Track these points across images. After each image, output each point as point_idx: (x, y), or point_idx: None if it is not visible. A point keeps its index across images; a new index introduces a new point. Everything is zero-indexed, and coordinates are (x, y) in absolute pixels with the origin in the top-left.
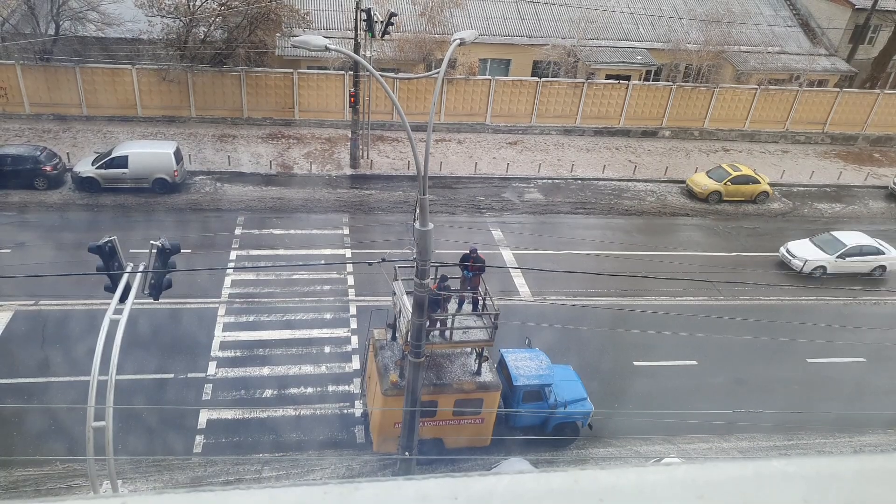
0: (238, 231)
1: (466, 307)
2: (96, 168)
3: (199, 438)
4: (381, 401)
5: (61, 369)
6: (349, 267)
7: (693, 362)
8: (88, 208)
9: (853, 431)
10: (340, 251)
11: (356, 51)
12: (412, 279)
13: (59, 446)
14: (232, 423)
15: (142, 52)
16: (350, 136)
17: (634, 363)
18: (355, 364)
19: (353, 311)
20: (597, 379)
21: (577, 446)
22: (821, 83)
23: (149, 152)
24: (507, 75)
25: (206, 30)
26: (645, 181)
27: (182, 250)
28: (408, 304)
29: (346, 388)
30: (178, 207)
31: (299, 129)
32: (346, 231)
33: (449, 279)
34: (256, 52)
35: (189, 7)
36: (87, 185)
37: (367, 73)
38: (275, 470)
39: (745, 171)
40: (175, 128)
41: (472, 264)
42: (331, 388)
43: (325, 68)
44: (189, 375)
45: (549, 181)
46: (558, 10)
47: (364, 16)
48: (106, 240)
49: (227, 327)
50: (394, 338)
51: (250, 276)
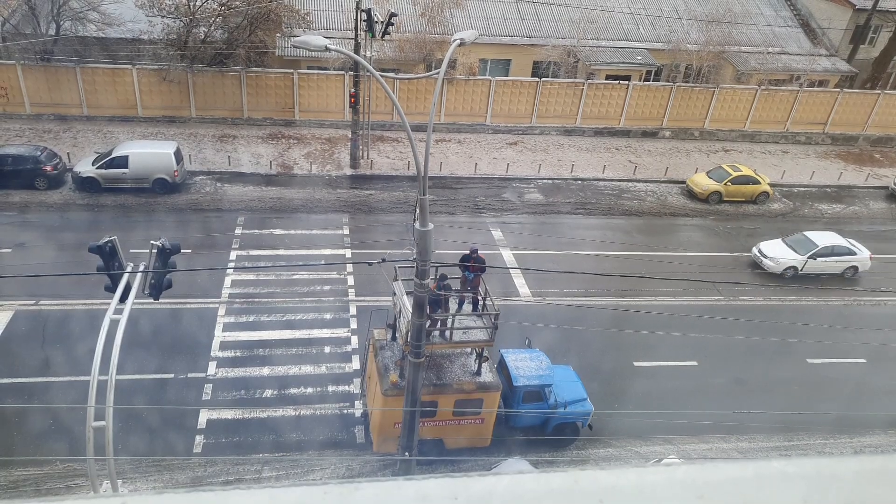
0: (238, 231)
1: (466, 307)
2: (97, 168)
3: (199, 438)
4: (381, 401)
5: (61, 369)
6: (349, 267)
7: (693, 363)
8: (89, 208)
9: (853, 432)
10: (340, 251)
11: (356, 51)
12: (412, 279)
13: (59, 446)
14: (232, 423)
15: (142, 52)
16: (350, 136)
17: (634, 363)
18: (355, 364)
19: (353, 311)
20: (597, 379)
21: (577, 447)
22: (821, 83)
23: (149, 152)
24: (507, 76)
25: (206, 30)
26: (645, 181)
27: (182, 250)
28: (408, 304)
29: (346, 388)
30: (179, 207)
31: (299, 130)
32: (347, 231)
33: (448, 279)
34: (257, 53)
35: (189, 7)
36: (87, 185)
37: (368, 74)
38: (275, 470)
39: (746, 171)
40: (175, 128)
41: (472, 265)
42: (331, 389)
43: (326, 68)
44: (189, 375)
45: (550, 181)
46: (558, 10)
47: (364, 16)
48: (106, 240)
49: (227, 327)
50: (394, 338)
51: (250, 277)
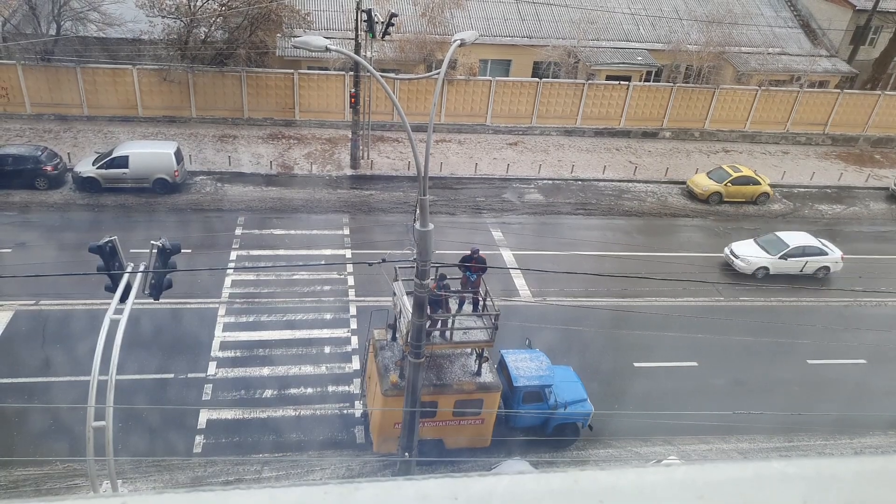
0: (238, 231)
1: (467, 308)
2: (97, 168)
3: (199, 438)
4: (381, 401)
5: (62, 369)
6: (349, 267)
7: (693, 363)
8: (89, 208)
9: (853, 433)
10: (341, 251)
11: (357, 51)
12: (412, 280)
13: (59, 446)
14: (232, 424)
15: (143, 52)
16: (350, 136)
17: (634, 364)
18: (355, 364)
19: (353, 311)
20: (597, 380)
21: (577, 447)
22: (821, 84)
23: (149, 152)
24: (507, 76)
25: (206, 30)
26: (645, 182)
27: (182, 250)
28: (408, 304)
29: (346, 388)
30: (179, 207)
31: (300, 130)
32: (347, 231)
33: (448, 279)
34: (257, 53)
35: (190, 7)
36: (87, 185)
37: (368, 74)
38: (275, 470)
39: (746, 172)
40: (176, 128)
41: (473, 265)
42: (331, 389)
43: (326, 69)
44: (189, 375)
45: (550, 182)
46: (559, 10)
47: (364, 16)
48: (106, 240)
49: (227, 327)
50: (394, 338)
51: (251, 277)
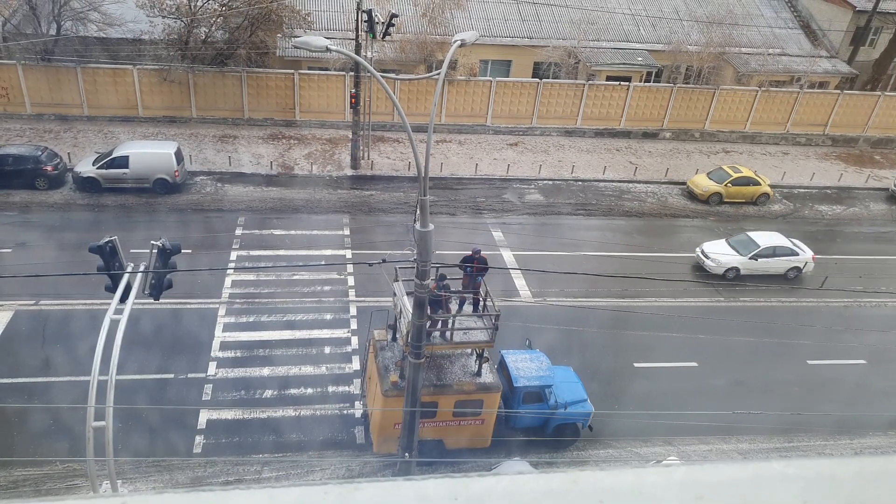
0: (239, 231)
1: (467, 308)
2: (97, 168)
3: (199, 439)
4: (381, 401)
5: (62, 369)
6: (350, 268)
7: (693, 364)
8: (89, 208)
9: (853, 433)
10: (341, 252)
11: (357, 52)
12: (413, 280)
13: (59, 446)
14: (232, 424)
15: (143, 52)
16: (351, 136)
17: (634, 364)
18: (355, 365)
19: (353, 311)
20: (597, 380)
21: (577, 448)
22: (822, 85)
23: (150, 152)
24: (507, 76)
25: (207, 30)
26: (645, 182)
27: (183, 250)
28: (408, 304)
29: (347, 388)
30: (179, 208)
31: (300, 130)
32: (347, 232)
33: (447, 279)
34: (257, 53)
35: (190, 7)
36: (88, 185)
37: (368, 74)
38: (275, 470)
39: (746, 172)
40: (176, 128)
41: (475, 265)
42: (331, 389)
43: (327, 69)
44: (189, 375)
45: (550, 182)
46: (559, 11)
47: (365, 17)
48: (106, 240)
49: (227, 328)
50: (394, 338)
51: (251, 277)
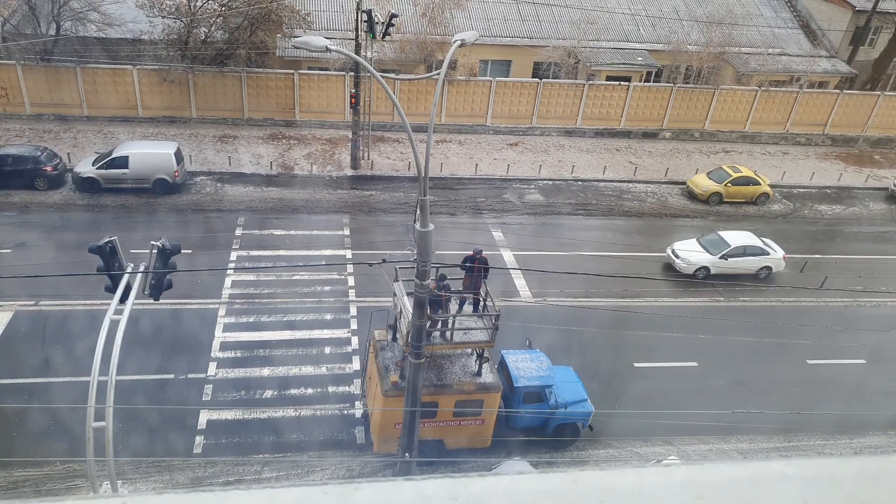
0: (238, 232)
1: (467, 308)
2: (97, 168)
3: (199, 439)
4: (381, 401)
5: (62, 369)
6: (350, 268)
7: (693, 364)
8: (89, 209)
9: (853, 433)
10: (341, 252)
11: (357, 52)
12: (413, 280)
13: (59, 446)
14: (232, 424)
15: (143, 52)
16: (351, 136)
17: (635, 364)
18: (356, 365)
19: (353, 311)
20: (597, 380)
21: (578, 447)
22: (821, 85)
23: (149, 153)
24: (507, 76)
25: (206, 30)
26: (645, 182)
27: (182, 251)
28: (408, 304)
29: (347, 388)
30: (179, 208)
31: (300, 130)
32: (347, 232)
33: (448, 279)
34: (257, 53)
35: (190, 8)
36: (87, 185)
37: (368, 74)
38: (275, 471)
39: (746, 172)
40: (176, 128)
41: (477, 265)
42: (331, 389)
43: (326, 69)
44: (189, 376)
45: (550, 182)
46: (559, 11)
47: (365, 17)
48: (106, 240)
49: (227, 328)
50: (394, 339)
51: (251, 277)
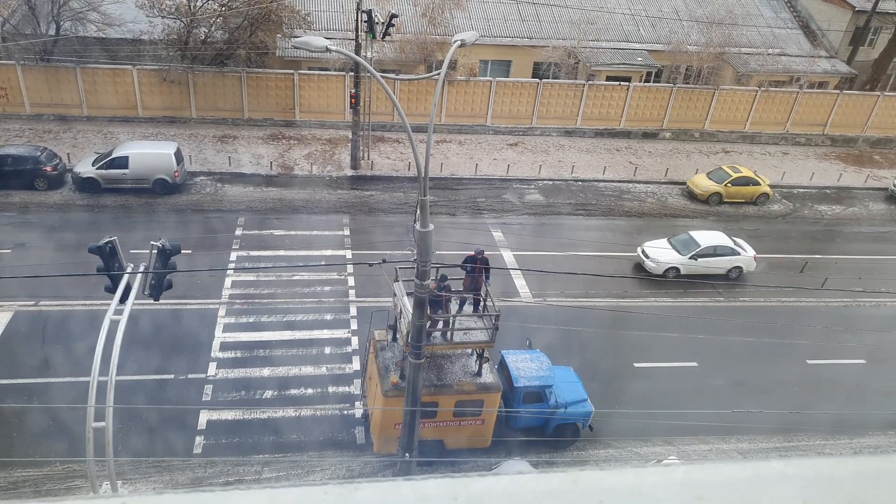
0: (238, 232)
1: (467, 308)
2: (97, 168)
3: (199, 439)
4: (381, 402)
5: (61, 370)
6: (350, 268)
7: (693, 364)
8: (89, 209)
9: (853, 433)
10: (341, 252)
11: (357, 52)
12: (413, 280)
13: (59, 447)
14: (232, 424)
15: (143, 52)
16: (351, 136)
17: (634, 364)
18: (356, 365)
19: (353, 312)
20: (597, 380)
21: (578, 447)
22: (821, 85)
23: (149, 153)
24: (507, 76)
25: (206, 30)
26: (645, 183)
27: (182, 251)
28: (408, 305)
29: (347, 388)
30: (179, 208)
31: (300, 130)
32: (347, 232)
33: (449, 279)
34: (257, 53)
35: (190, 8)
36: (87, 185)
37: (368, 75)
38: (275, 471)
39: (746, 172)
40: (176, 128)
41: (478, 265)
42: (331, 389)
43: (326, 69)
44: (189, 376)
45: (550, 182)
46: (559, 11)
47: (365, 17)
48: (106, 240)
49: (227, 328)
50: (394, 339)
51: (251, 277)
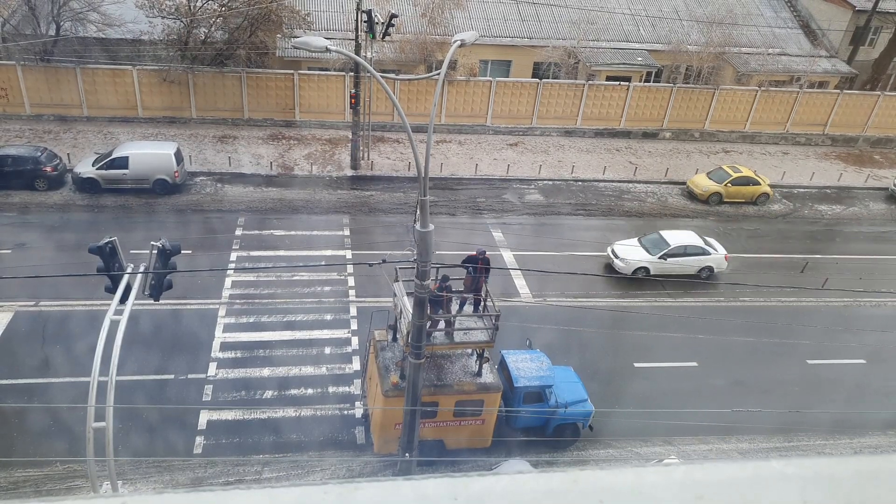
0: (238, 232)
1: (467, 308)
2: (97, 169)
3: (199, 439)
4: (381, 402)
5: (62, 370)
6: (350, 268)
7: (693, 363)
8: (89, 209)
9: (852, 433)
10: (341, 252)
11: (357, 52)
12: (413, 280)
13: (59, 447)
14: (232, 424)
15: (143, 52)
16: (351, 137)
17: (634, 364)
18: (356, 365)
19: (353, 312)
20: (597, 380)
21: (578, 447)
22: (821, 85)
23: (149, 153)
24: (507, 76)
25: (206, 30)
26: (645, 182)
27: (182, 251)
28: (408, 305)
29: (347, 389)
30: (179, 208)
31: (300, 130)
32: (347, 232)
33: (450, 280)
34: (257, 53)
35: (190, 8)
36: (87, 185)
37: (368, 75)
38: (275, 471)
39: (746, 172)
40: (176, 128)
41: (480, 265)
42: (331, 389)
43: (326, 69)
44: (189, 376)
45: (550, 182)
46: (559, 11)
47: (365, 17)
48: (106, 240)
49: (227, 328)
50: (394, 339)
51: (251, 277)
